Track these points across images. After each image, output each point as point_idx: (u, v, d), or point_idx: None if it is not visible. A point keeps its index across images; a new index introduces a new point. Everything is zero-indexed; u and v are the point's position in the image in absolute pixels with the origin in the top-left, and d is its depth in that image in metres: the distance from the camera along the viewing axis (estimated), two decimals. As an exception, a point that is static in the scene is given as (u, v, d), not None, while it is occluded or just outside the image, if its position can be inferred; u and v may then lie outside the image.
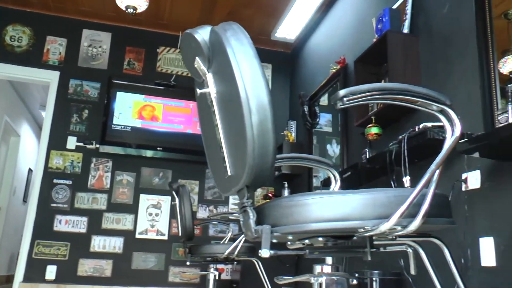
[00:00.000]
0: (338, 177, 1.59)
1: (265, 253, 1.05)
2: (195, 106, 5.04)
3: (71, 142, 4.91)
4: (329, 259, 1.27)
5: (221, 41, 1.09)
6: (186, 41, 1.26)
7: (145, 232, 4.87)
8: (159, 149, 4.97)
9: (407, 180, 2.46)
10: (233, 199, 5.15)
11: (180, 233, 3.35)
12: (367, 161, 3.00)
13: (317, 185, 4.43)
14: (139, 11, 4.30)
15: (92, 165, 4.91)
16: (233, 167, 1.17)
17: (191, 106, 5.16)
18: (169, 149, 5.00)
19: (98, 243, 4.73)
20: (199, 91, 1.30)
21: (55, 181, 4.78)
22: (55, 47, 5.11)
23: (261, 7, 4.90)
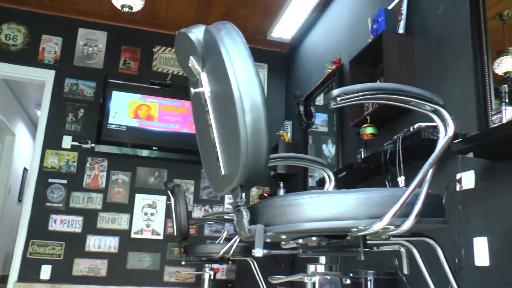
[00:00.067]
0: (332, 176, 1.59)
1: (258, 252, 1.05)
2: (190, 105, 5.03)
3: (67, 141, 4.89)
4: (323, 259, 1.27)
5: (215, 40, 1.09)
6: (180, 40, 1.26)
7: (141, 231, 4.87)
8: (154, 148, 4.97)
9: (401, 180, 2.46)
10: (228, 198, 5.15)
11: (175, 233, 3.35)
12: (362, 161, 3.01)
13: (313, 185, 4.44)
14: (135, 10, 4.29)
15: (87, 165, 4.90)
16: (226, 167, 1.17)
17: (187, 105, 5.15)
18: (164, 149, 4.99)
19: (93, 242, 4.72)
20: (193, 90, 1.30)
21: (50, 180, 4.76)
22: (51, 46, 5.09)
23: (257, 7, 4.90)
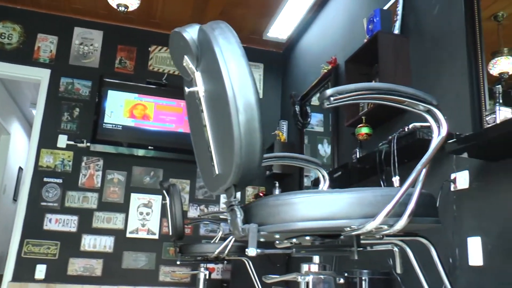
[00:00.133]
0: (326, 176, 1.59)
1: (251, 251, 1.05)
2: (186, 105, 5.02)
3: (62, 140, 4.88)
4: (316, 258, 1.27)
5: (209, 39, 1.09)
6: (174, 39, 1.26)
7: (136, 231, 4.86)
8: (150, 148, 4.96)
9: (396, 180, 2.47)
10: (224, 198, 5.15)
11: (170, 233, 3.34)
12: (357, 161, 3.01)
13: (308, 185, 4.44)
14: (131, 9, 4.28)
15: (83, 164, 4.89)
16: (220, 166, 1.17)
17: (183, 105, 5.14)
18: (160, 148, 4.99)
19: (88, 242, 4.71)
20: (187, 89, 1.30)
21: (45, 179, 4.75)
22: (46, 45, 5.08)
23: (253, 7, 4.90)
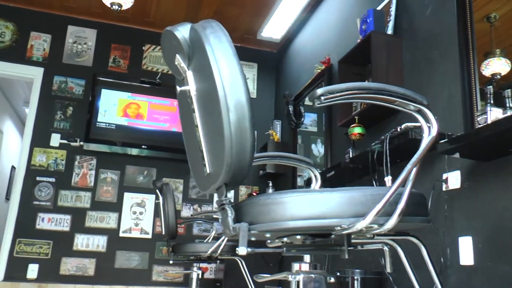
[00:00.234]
0: (318, 176, 1.60)
1: (242, 250, 1.05)
2: (180, 104, 5.01)
3: (55, 139, 4.86)
4: (307, 257, 1.28)
5: (200, 38, 1.09)
6: (166, 38, 1.26)
7: (129, 230, 4.85)
8: (144, 147, 4.95)
9: (388, 179, 2.47)
10: (217, 197, 5.14)
11: (163, 232, 3.34)
12: (350, 160, 3.02)
13: (301, 185, 4.45)
14: (124, 8, 4.27)
15: (76, 163, 4.87)
16: (211, 165, 1.18)
17: (176, 104, 5.12)
18: (154, 147, 4.98)
19: (81, 241, 4.69)
20: (179, 88, 1.30)
21: (38, 178, 4.73)
22: (39, 43, 5.05)
23: (247, 6, 4.90)
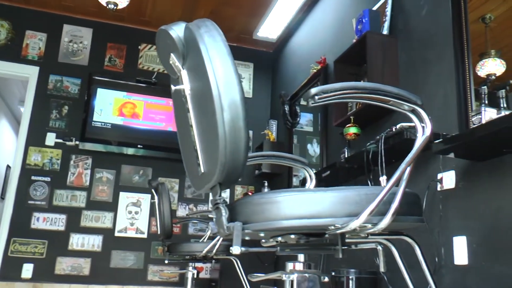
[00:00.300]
0: (313, 175, 1.60)
1: (236, 250, 1.05)
2: (176, 104, 5.00)
3: (50, 138, 4.84)
4: (301, 257, 1.28)
5: (195, 37, 1.09)
6: (161, 37, 1.26)
7: (125, 230, 4.84)
8: (139, 146, 4.94)
9: (383, 179, 2.48)
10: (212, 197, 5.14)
11: (159, 231, 3.33)
12: (345, 160, 3.03)
13: (297, 184, 4.45)
14: (120, 7, 4.26)
15: (71, 162, 4.86)
16: (205, 164, 1.17)
17: (172, 103, 5.12)
18: (149, 147, 4.97)
19: (76, 241, 4.68)
20: (174, 87, 1.30)
21: (33, 178, 4.71)
22: (35, 42, 5.03)
23: (243, 6, 4.90)
